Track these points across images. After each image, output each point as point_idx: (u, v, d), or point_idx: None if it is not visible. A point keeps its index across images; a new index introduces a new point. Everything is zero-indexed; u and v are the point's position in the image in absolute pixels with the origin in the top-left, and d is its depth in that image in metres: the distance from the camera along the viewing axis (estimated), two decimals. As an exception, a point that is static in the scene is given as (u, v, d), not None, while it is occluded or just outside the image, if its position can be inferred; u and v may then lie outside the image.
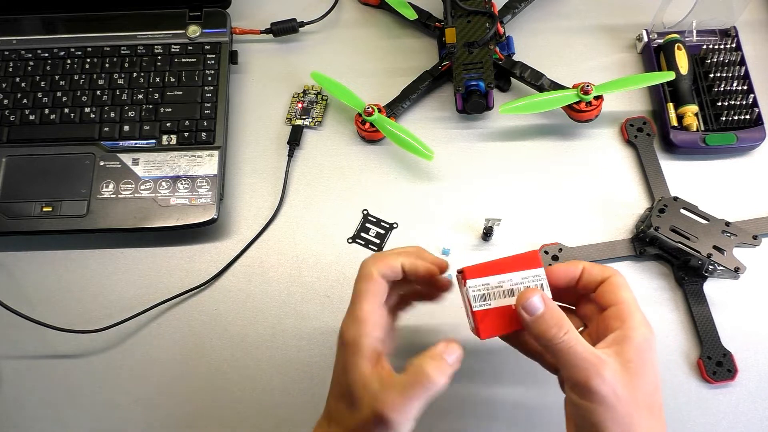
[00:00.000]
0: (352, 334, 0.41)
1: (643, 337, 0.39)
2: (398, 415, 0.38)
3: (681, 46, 0.65)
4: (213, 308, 0.60)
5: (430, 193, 0.64)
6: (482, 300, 0.42)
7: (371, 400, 0.39)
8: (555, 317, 0.39)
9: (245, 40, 0.72)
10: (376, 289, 0.42)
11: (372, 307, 0.42)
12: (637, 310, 0.41)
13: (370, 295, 0.42)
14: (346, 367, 0.41)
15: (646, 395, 0.38)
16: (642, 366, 0.38)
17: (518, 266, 0.42)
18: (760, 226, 0.59)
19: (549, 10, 0.72)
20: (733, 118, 0.62)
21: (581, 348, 0.38)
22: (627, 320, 0.40)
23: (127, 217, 0.60)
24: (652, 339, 0.40)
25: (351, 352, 0.41)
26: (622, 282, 0.42)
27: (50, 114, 0.65)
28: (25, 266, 0.62)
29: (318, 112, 0.68)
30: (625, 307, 0.40)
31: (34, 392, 0.57)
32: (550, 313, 0.39)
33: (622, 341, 0.39)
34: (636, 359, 0.38)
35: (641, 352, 0.39)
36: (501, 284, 0.42)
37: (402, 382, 0.39)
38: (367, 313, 0.41)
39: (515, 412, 0.54)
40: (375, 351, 0.41)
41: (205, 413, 0.55)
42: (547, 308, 0.39)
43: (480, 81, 0.62)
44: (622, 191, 0.63)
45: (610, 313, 0.41)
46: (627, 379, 0.38)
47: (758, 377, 0.55)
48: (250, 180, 0.65)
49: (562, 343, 0.38)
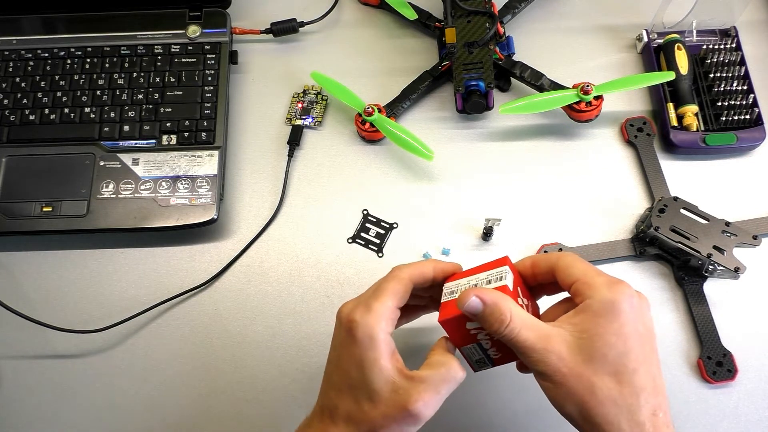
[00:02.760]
0: (369, 329, 0.40)
1: (600, 303, 0.39)
2: (428, 410, 0.39)
3: (681, 46, 0.65)
4: (213, 308, 0.60)
5: (430, 193, 0.64)
6: (450, 295, 0.43)
7: (395, 393, 0.39)
8: (495, 313, 0.39)
9: (245, 40, 0.72)
10: (402, 289, 0.43)
11: (392, 305, 0.42)
12: (594, 276, 0.40)
13: (393, 293, 0.43)
14: (359, 361, 0.40)
15: (608, 361, 0.38)
16: (599, 333, 0.38)
17: (489, 268, 0.44)
18: (760, 226, 0.59)
19: (549, 10, 0.72)
20: (733, 118, 0.62)
21: (524, 336, 0.38)
22: (584, 292, 0.40)
23: (127, 217, 0.60)
24: (619, 298, 0.39)
25: (366, 346, 0.40)
26: (569, 260, 0.42)
27: (50, 114, 0.65)
28: (25, 266, 0.62)
29: (318, 112, 0.68)
30: (581, 282, 0.40)
31: (34, 392, 0.57)
32: (489, 309, 0.39)
33: (579, 313, 0.39)
34: (591, 328, 0.38)
35: (598, 318, 0.38)
36: (469, 282, 0.43)
37: (431, 378, 0.40)
38: (387, 309, 0.42)
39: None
40: (390, 345, 0.41)
41: (205, 413, 0.55)
42: (485, 305, 0.39)
43: (480, 81, 0.62)
44: (622, 191, 0.63)
45: (572, 293, 0.41)
46: (578, 351, 0.38)
47: (758, 377, 0.55)
48: (250, 180, 0.65)
49: (505, 335, 0.39)
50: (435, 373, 0.40)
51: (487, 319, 0.39)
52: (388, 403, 0.39)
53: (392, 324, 0.42)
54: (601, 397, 0.37)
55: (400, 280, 0.43)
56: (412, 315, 0.49)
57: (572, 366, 0.38)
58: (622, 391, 0.38)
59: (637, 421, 0.37)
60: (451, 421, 0.53)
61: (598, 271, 0.41)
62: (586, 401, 0.38)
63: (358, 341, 0.41)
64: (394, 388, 0.39)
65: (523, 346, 0.38)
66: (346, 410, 0.41)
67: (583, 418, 0.38)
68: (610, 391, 0.38)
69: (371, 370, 0.40)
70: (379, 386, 0.40)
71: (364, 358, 0.40)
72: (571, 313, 0.40)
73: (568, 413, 0.39)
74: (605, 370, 0.38)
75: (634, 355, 0.38)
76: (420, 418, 0.39)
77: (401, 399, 0.39)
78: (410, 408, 0.39)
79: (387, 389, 0.40)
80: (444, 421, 0.52)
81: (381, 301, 0.42)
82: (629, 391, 0.38)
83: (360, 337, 0.40)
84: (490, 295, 0.39)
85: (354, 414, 0.40)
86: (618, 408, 0.37)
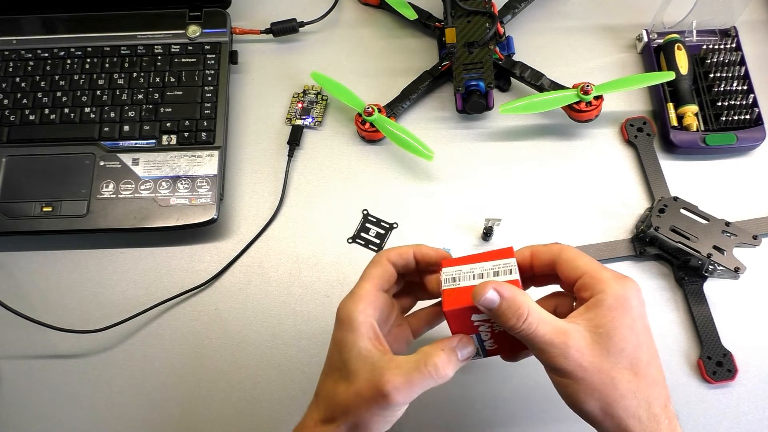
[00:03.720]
0: (348, 311, 0.41)
1: (613, 298, 0.39)
2: (399, 396, 0.38)
3: (681, 46, 0.65)
4: (213, 308, 0.60)
5: (430, 193, 0.64)
6: (452, 282, 0.43)
7: (370, 374, 0.39)
8: (512, 307, 0.38)
9: (245, 40, 0.72)
10: (380, 272, 0.44)
11: (371, 288, 0.43)
12: (601, 271, 0.40)
13: (372, 277, 0.44)
14: (340, 344, 0.41)
15: (625, 355, 0.38)
16: (616, 327, 0.38)
17: (492, 257, 0.43)
18: (760, 226, 0.59)
19: (549, 10, 0.72)
20: (733, 118, 0.62)
21: (542, 331, 0.38)
22: (593, 287, 0.39)
23: (127, 217, 0.60)
24: (629, 293, 0.39)
25: (346, 328, 0.41)
26: (572, 254, 0.42)
27: (50, 114, 0.65)
28: (25, 266, 0.62)
29: (318, 112, 0.68)
30: (588, 276, 0.40)
31: (34, 392, 0.57)
32: (506, 304, 0.38)
33: (591, 308, 0.39)
34: (607, 323, 0.38)
35: (613, 312, 0.38)
36: (472, 270, 0.42)
37: (408, 366, 0.39)
38: (366, 292, 0.42)
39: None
40: (372, 328, 0.41)
41: (205, 413, 0.55)
42: (503, 299, 0.39)
43: (480, 81, 0.62)
44: (622, 191, 0.63)
45: (580, 284, 0.41)
46: (597, 346, 0.38)
47: (758, 377, 0.55)
48: (250, 180, 0.65)
49: (522, 330, 0.38)
50: (411, 359, 0.39)
51: (504, 313, 0.38)
52: (362, 383, 0.39)
53: (373, 306, 0.42)
54: (623, 390, 0.37)
55: (379, 263, 0.44)
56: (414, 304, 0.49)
57: (592, 360, 0.38)
58: (639, 383, 0.38)
59: (653, 412, 0.38)
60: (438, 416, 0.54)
61: (602, 265, 0.41)
62: (607, 395, 0.38)
63: (340, 324, 0.42)
64: (371, 369, 0.39)
65: (542, 341, 0.38)
66: (326, 393, 0.42)
67: (604, 413, 0.38)
68: (630, 383, 0.38)
69: (350, 351, 0.40)
70: (357, 367, 0.40)
71: (344, 340, 0.41)
72: (582, 308, 0.40)
73: (589, 410, 0.38)
74: (623, 364, 0.38)
75: (646, 348, 0.39)
76: (390, 402, 0.38)
77: (375, 379, 0.39)
78: (381, 388, 0.38)
79: (364, 370, 0.39)
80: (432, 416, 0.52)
81: (360, 285, 0.43)
82: (645, 383, 0.38)
83: (341, 320, 0.42)
84: (509, 290, 0.39)
85: (332, 395, 0.41)
86: (638, 400, 0.38)
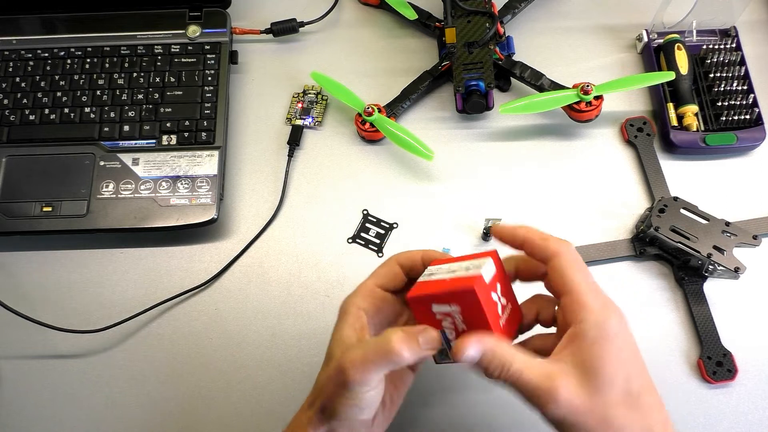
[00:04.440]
0: (343, 304, 0.43)
1: (595, 329, 0.37)
2: (355, 373, 0.38)
3: (681, 46, 0.65)
4: (213, 308, 0.60)
5: (430, 193, 0.64)
6: (428, 276, 0.43)
7: (340, 355, 0.40)
8: (495, 359, 0.37)
9: (245, 40, 0.72)
10: (384, 271, 0.45)
11: (370, 284, 0.44)
12: (586, 294, 0.38)
13: (375, 275, 0.45)
14: (333, 334, 0.43)
15: (616, 390, 0.36)
16: (602, 361, 0.36)
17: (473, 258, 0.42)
18: (760, 226, 0.59)
19: (549, 10, 0.72)
20: (733, 118, 0.62)
21: (527, 378, 0.36)
22: (575, 313, 0.37)
23: (127, 217, 0.60)
24: (610, 322, 0.37)
25: (339, 319, 0.43)
26: (564, 263, 0.39)
27: (50, 114, 0.65)
28: (25, 266, 0.62)
29: (318, 112, 0.68)
30: (575, 297, 0.38)
31: (34, 392, 0.57)
32: (486, 358, 0.37)
33: (574, 339, 0.37)
34: (593, 358, 0.36)
35: (596, 346, 0.36)
36: (449, 267, 0.42)
37: (366, 345, 0.39)
38: (364, 287, 0.44)
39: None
40: (359, 318, 0.42)
41: (205, 413, 0.55)
42: (484, 354, 0.37)
43: (480, 81, 0.62)
44: (622, 191, 0.63)
45: (563, 304, 0.39)
46: (586, 385, 0.36)
47: (758, 377, 0.55)
48: (250, 180, 0.65)
49: (508, 380, 0.37)
50: (372, 342, 0.39)
51: (486, 367, 0.37)
52: (332, 363, 0.40)
53: (368, 301, 0.43)
54: (618, 427, 0.36)
55: (386, 263, 0.45)
56: None
57: (583, 400, 0.36)
58: (634, 416, 0.37)
59: None
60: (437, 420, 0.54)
61: (591, 284, 0.39)
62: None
63: (338, 317, 0.44)
64: (341, 350, 0.41)
65: (527, 388, 0.36)
66: (316, 380, 0.43)
67: None
68: (625, 419, 0.36)
69: (335, 338, 0.42)
70: (334, 351, 0.41)
71: (335, 329, 0.43)
72: (564, 340, 0.38)
73: None
74: (615, 399, 0.36)
75: (635, 377, 0.38)
76: (347, 378, 0.38)
77: (340, 358, 0.39)
78: (341, 366, 0.38)
79: (338, 351, 0.41)
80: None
81: (363, 282, 0.45)
82: (640, 414, 0.37)
83: (339, 313, 0.44)
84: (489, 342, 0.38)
85: (316, 381, 0.43)
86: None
